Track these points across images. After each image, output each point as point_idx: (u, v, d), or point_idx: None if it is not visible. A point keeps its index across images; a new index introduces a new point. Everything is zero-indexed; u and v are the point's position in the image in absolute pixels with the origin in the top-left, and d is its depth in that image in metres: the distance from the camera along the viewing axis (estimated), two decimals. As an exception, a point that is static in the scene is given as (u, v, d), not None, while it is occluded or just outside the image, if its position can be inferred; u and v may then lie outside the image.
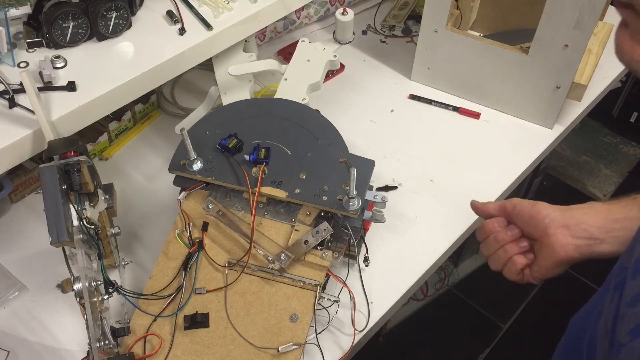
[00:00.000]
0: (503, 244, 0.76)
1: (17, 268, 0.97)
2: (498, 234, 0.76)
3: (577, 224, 0.70)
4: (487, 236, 0.78)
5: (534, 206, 0.73)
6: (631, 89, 2.44)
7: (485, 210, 0.79)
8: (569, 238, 0.70)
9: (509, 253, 0.75)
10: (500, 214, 0.77)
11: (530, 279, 0.77)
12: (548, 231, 0.71)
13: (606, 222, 0.70)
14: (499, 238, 0.76)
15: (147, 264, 0.98)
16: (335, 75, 1.34)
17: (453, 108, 1.28)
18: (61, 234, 0.74)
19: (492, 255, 0.78)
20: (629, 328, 0.52)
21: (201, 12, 1.01)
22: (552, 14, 1.07)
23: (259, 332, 0.83)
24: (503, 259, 0.76)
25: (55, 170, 0.77)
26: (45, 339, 0.90)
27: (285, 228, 0.88)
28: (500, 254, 0.76)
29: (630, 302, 0.53)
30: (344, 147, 0.93)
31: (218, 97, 1.09)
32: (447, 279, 2.01)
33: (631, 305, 0.52)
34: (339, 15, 1.10)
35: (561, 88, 1.17)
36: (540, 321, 1.95)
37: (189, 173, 0.90)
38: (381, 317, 0.93)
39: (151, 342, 0.82)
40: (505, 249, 0.75)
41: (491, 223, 0.77)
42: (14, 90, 0.85)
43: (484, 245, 0.79)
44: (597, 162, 2.48)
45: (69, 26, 0.91)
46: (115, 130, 1.18)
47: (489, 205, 0.79)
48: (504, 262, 0.76)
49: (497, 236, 0.76)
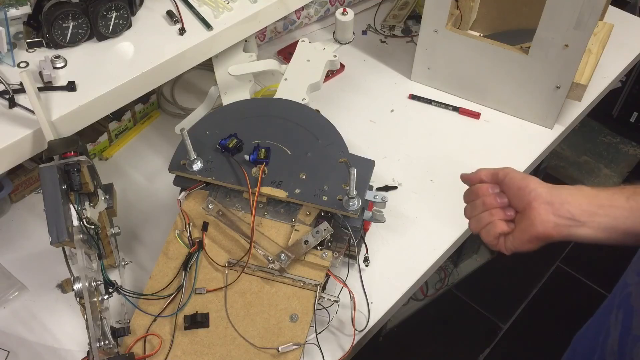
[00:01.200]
0: (490, 208, 0.76)
1: (17, 268, 0.97)
2: (487, 197, 0.76)
3: (561, 203, 0.70)
4: (475, 199, 0.78)
5: (524, 179, 0.74)
6: (631, 89, 2.43)
7: (477, 176, 0.79)
8: (550, 215, 0.70)
9: (493, 217, 0.76)
10: (492, 180, 0.78)
11: (503, 248, 0.77)
12: (532, 204, 0.72)
13: (591, 206, 0.70)
14: (487, 202, 0.76)
15: (147, 264, 0.98)
16: (335, 75, 1.34)
17: (453, 108, 1.28)
18: (61, 234, 0.74)
19: (476, 217, 0.78)
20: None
21: (201, 12, 1.01)
22: (552, 14, 1.07)
23: (259, 332, 0.83)
24: (485, 221, 0.77)
25: (55, 170, 0.77)
26: (45, 339, 0.90)
27: (285, 228, 0.88)
28: (484, 216, 0.77)
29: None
30: (344, 147, 0.93)
31: (218, 97, 1.10)
32: (447, 279, 2.01)
33: None
34: (339, 15, 1.10)
35: (561, 88, 1.17)
36: (540, 321, 1.95)
37: (189, 173, 0.90)
38: (381, 317, 0.93)
39: (151, 342, 0.82)
40: (491, 212, 0.76)
41: (484, 187, 0.77)
42: (14, 90, 0.85)
43: (469, 207, 0.80)
44: (597, 162, 2.48)
45: (69, 26, 0.91)
46: (115, 130, 1.18)
47: (482, 172, 0.79)
48: (485, 224, 0.77)
49: (485, 200, 0.76)
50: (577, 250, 2.15)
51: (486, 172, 0.78)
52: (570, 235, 0.71)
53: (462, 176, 0.82)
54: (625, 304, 0.57)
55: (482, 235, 0.78)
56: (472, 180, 0.80)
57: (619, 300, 0.61)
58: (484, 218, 0.77)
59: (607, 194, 0.70)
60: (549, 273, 2.10)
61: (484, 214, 0.77)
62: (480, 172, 0.79)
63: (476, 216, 0.78)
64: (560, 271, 2.11)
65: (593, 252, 2.09)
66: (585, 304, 0.70)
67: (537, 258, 2.14)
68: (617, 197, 0.70)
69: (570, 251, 2.16)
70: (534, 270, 2.11)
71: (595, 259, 2.05)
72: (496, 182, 0.77)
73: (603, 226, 0.69)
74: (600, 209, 0.69)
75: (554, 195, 0.71)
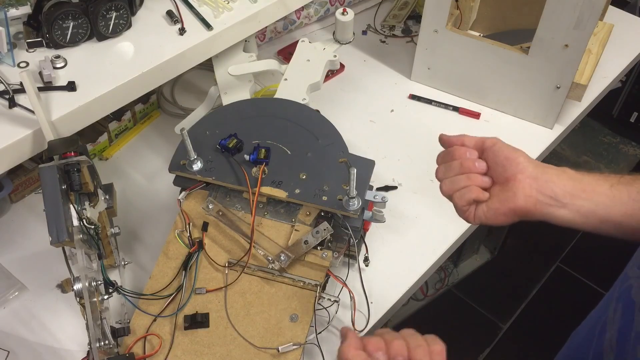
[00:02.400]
0: (467, 172, 0.73)
1: (17, 268, 0.97)
2: (466, 161, 0.74)
3: (546, 181, 0.70)
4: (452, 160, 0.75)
5: (515, 151, 0.73)
6: (631, 89, 2.44)
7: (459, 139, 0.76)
8: (534, 191, 0.70)
9: (471, 181, 0.73)
10: (475, 147, 0.75)
11: (472, 216, 0.74)
12: (517, 176, 0.70)
13: (574, 189, 0.70)
14: (465, 165, 0.73)
15: (147, 264, 0.98)
16: (335, 75, 1.34)
17: (453, 108, 1.28)
18: (61, 234, 0.74)
19: (450, 178, 0.75)
20: None
21: (201, 12, 1.01)
22: (552, 14, 1.07)
23: (259, 332, 0.83)
24: (461, 184, 0.74)
25: (55, 170, 0.77)
26: (45, 339, 0.90)
27: (285, 228, 0.88)
28: (460, 179, 0.74)
29: None
30: (344, 147, 0.93)
31: (218, 97, 1.09)
32: (447, 279, 2.01)
33: None
34: (339, 15, 1.10)
35: (561, 88, 1.17)
36: (540, 321, 1.95)
37: (189, 173, 0.90)
38: (381, 317, 0.93)
39: (151, 342, 0.82)
40: (468, 176, 0.73)
41: (463, 150, 0.74)
42: (14, 90, 0.85)
43: (444, 167, 0.76)
44: (597, 162, 2.48)
45: (69, 26, 0.91)
46: (115, 130, 1.18)
47: (466, 137, 0.76)
48: (460, 188, 0.74)
49: (464, 163, 0.74)
50: (577, 250, 2.16)
51: (470, 137, 0.76)
52: (549, 215, 0.70)
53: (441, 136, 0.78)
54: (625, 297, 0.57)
55: (454, 199, 0.75)
56: (453, 142, 0.77)
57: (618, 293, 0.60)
58: (459, 180, 0.74)
59: (591, 179, 0.70)
60: (549, 273, 2.10)
61: (461, 176, 0.74)
62: (464, 136, 0.76)
63: (451, 178, 0.75)
64: (560, 271, 2.11)
65: (593, 252, 2.10)
66: (585, 303, 0.69)
67: (537, 258, 2.14)
68: (601, 184, 0.70)
69: (570, 251, 2.16)
70: (534, 270, 2.11)
71: (595, 259, 2.05)
72: (480, 149, 0.75)
73: (583, 210, 0.69)
74: (583, 193, 0.69)
75: (540, 172, 0.71)
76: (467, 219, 0.76)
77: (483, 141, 0.75)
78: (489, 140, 0.75)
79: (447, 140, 0.78)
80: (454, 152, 0.76)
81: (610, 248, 0.75)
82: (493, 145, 0.74)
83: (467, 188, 0.73)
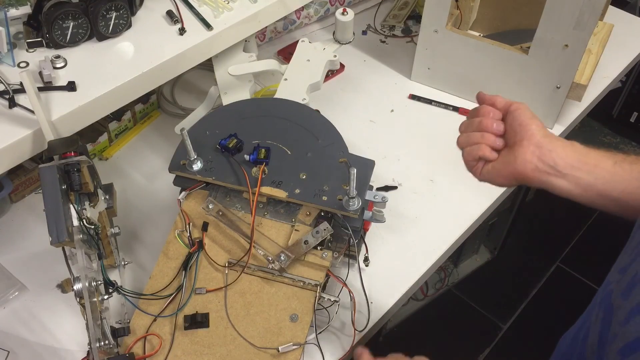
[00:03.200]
0: (484, 130, 0.76)
1: (17, 268, 0.97)
2: (486, 119, 0.76)
3: (549, 150, 0.71)
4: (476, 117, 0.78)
5: (531, 119, 0.74)
6: (631, 89, 2.44)
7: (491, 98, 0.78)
8: (534, 158, 0.71)
9: (483, 139, 0.76)
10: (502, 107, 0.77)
11: (478, 173, 0.77)
12: (523, 142, 0.72)
13: (576, 161, 0.70)
14: (484, 123, 0.76)
15: (147, 264, 0.98)
16: (335, 75, 1.34)
17: (453, 108, 1.28)
18: (61, 234, 0.74)
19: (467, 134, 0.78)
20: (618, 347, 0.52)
21: (201, 12, 1.01)
22: (552, 14, 1.07)
23: (259, 332, 0.83)
24: (473, 141, 0.77)
25: (55, 170, 0.77)
26: (45, 339, 0.90)
27: (285, 228, 0.88)
28: (475, 136, 0.77)
29: (623, 321, 0.52)
30: (344, 147, 0.93)
31: (218, 97, 1.10)
32: (447, 279, 2.01)
33: (623, 324, 0.52)
34: (339, 15, 1.10)
35: (561, 88, 1.17)
36: (540, 321, 1.95)
37: (189, 173, 0.90)
38: (381, 317, 0.93)
39: (151, 342, 0.82)
40: (483, 135, 0.76)
41: (488, 109, 0.77)
42: (14, 90, 0.85)
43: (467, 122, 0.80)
44: (597, 162, 2.48)
45: (69, 26, 0.91)
46: (115, 130, 1.18)
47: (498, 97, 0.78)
48: (472, 144, 0.77)
49: (484, 121, 0.76)
50: (577, 250, 2.16)
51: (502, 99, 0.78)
52: (547, 183, 0.71)
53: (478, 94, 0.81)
54: (606, 302, 0.57)
55: (464, 153, 0.78)
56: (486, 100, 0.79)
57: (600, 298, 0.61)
58: (473, 137, 0.77)
59: (597, 154, 0.71)
60: (549, 273, 2.10)
61: (476, 133, 0.77)
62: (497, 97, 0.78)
63: (468, 133, 0.78)
64: (560, 271, 2.11)
65: (593, 252, 2.10)
66: (585, 304, 0.69)
67: (537, 258, 2.14)
68: (605, 160, 0.70)
69: (570, 251, 2.16)
70: (534, 270, 2.11)
71: (596, 259, 2.05)
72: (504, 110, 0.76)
73: (582, 182, 0.70)
74: (585, 166, 0.70)
75: (546, 141, 0.72)
76: (474, 174, 0.78)
77: (509, 104, 0.76)
78: (515, 104, 0.76)
79: (482, 97, 0.80)
80: (480, 110, 0.78)
81: (610, 248, 0.75)
82: (515, 110, 0.75)
83: (477, 145, 0.76)
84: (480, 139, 0.76)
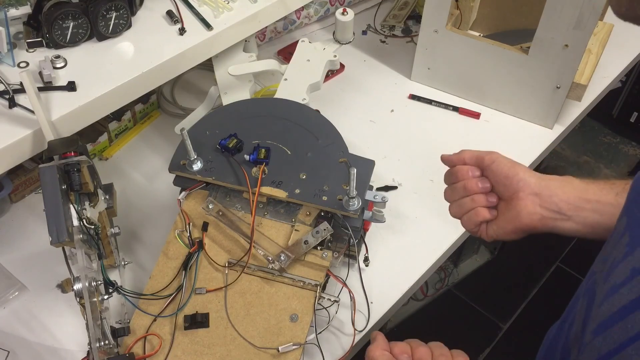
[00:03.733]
0: (471, 193, 0.74)
1: (17, 268, 0.97)
2: (469, 182, 0.74)
3: (549, 195, 0.69)
4: (456, 182, 0.76)
5: (513, 167, 0.72)
6: (631, 89, 2.43)
7: (459, 158, 0.76)
8: (537, 207, 0.69)
9: (475, 203, 0.73)
10: (475, 164, 0.75)
11: (485, 235, 0.75)
12: (519, 194, 0.70)
13: (578, 200, 0.69)
14: (468, 187, 0.74)
15: (147, 264, 0.98)
16: (335, 75, 1.34)
17: (453, 108, 1.28)
18: (61, 234, 0.74)
19: (457, 202, 0.76)
20: (592, 328, 0.52)
21: (201, 12, 1.01)
22: (552, 14, 1.07)
23: (259, 332, 0.83)
24: (467, 208, 0.74)
25: (55, 170, 0.77)
26: (45, 339, 0.90)
27: (285, 228, 0.88)
28: (466, 202, 0.74)
29: (599, 302, 0.53)
30: (344, 147, 0.93)
31: (218, 97, 1.10)
32: (447, 279, 2.01)
33: (599, 305, 0.52)
34: (339, 15, 1.10)
35: (561, 88, 1.17)
36: (540, 321, 1.95)
37: (189, 173, 0.90)
38: (381, 317, 0.93)
39: (151, 342, 0.82)
40: (473, 198, 0.74)
41: (465, 170, 0.74)
42: (14, 90, 0.85)
43: (450, 190, 0.77)
44: (597, 162, 2.48)
45: (69, 26, 0.91)
46: (115, 130, 1.18)
47: (465, 153, 0.76)
48: (467, 211, 0.75)
49: (467, 184, 0.74)
50: (577, 250, 2.15)
51: (470, 154, 0.76)
52: (555, 228, 0.70)
53: (442, 157, 0.79)
54: (590, 292, 0.57)
55: (463, 222, 0.77)
56: (454, 162, 0.77)
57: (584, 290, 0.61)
58: (465, 204, 0.75)
59: (597, 188, 0.70)
60: (549, 273, 2.10)
61: (466, 199, 0.75)
62: (464, 153, 0.76)
63: (457, 201, 0.76)
64: (560, 271, 2.11)
65: (593, 252, 2.09)
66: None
67: (537, 258, 2.14)
68: (606, 193, 0.69)
69: (570, 251, 2.16)
70: (534, 270, 2.11)
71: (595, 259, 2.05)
72: (480, 166, 0.74)
73: (588, 221, 0.69)
74: (588, 204, 0.69)
75: (543, 187, 0.70)
76: (480, 237, 0.77)
77: (482, 158, 0.74)
78: (487, 157, 0.74)
79: (447, 159, 0.78)
80: (456, 172, 0.76)
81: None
82: (491, 163, 0.73)
83: (473, 211, 0.74)
84: (472, 203, 0.74)
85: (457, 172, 0.76)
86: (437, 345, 0.68)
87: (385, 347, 0.68)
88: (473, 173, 0.74)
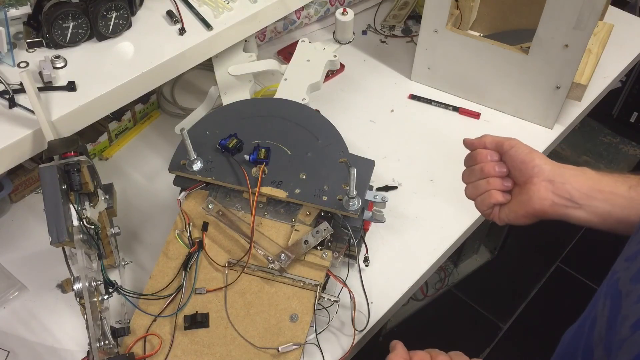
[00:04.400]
0: (488, 176, 0.75)
1: (17, 268, 0.97)
2: (487, 165, 0.76)
3: (562, 183, 0.70)
4: (474, 164, 0.77)
5: (530, 153, 0.73)
6: (631, 89, 2.44)
7: (480, 141, 0.78)
8: (549, 193, 0.70)
9: (490, 186, 0.75)
10: (496, 148, 0.77)
11: (497, 218, 0.77)
12: (533, 180, 0.72)
13: (591, 189, 0.70)
14: (486, 170, 0.76)
15: (147, 264, 0.98)
16: (335, 75, 1.34)
17: (453, 108, 1.28)
18: (61, 234, 0.74)
19: (473, 183, 0.78)
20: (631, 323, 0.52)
21: (201, 12, 1.01)
22: (552, 14, 1.07)
23: (259, 332, 0.83)
24: (482, 189, 0.76)
25: (55, 170, 0.77)
26: (45, 339, 0.90)
27: (285, 228, 0.88)
28: (481, 184, 0.76)
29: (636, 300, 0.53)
30: (344, 147, 0.93)
31: (218, 97, 1.10)
32: (447, 279, 2.01)
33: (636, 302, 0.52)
34: (339, 15, 1.10)
35: (561, 88, 1.17)
36: (540, 321, 1.95)
37: (189, 173, 0.90)
38: (381, 317, 0.93)
39: (151, 342, 0.82)
40: (488, 181, 0.75)
41: (484, 153, 0.76)
42: (14, 90, 0.85)
43: (468, 172, 0.79)
44: (597, 162, 2.48)
45: (69, 26, 0.91)
46: (115, 130, 1.18)
47: (487, 138, 0.78)
48: (481, 193, 0.76)
49: (485, 167, 0.76)
50: (577, 250, 2.16)
51: (491, 139, 0.77)
52: (566, 215, 0.71)
53: (465, 140, 0.80)
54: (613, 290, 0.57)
55: (476, 204, 0.78)
56: (475, 145, 0.79)
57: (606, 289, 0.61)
58: (480, 186, 0.76)
59: (610, 180, 0.70)
60: (549, 273, 2.10)
61: (481, 181, 0.76)
62: (485, 137, 0.78)
63: (473, 182, 0.78)
64: (560, 271, 2.11)
65: (593, 252, 2.09)
66: (585, 303, 0.69)
67: (537, 258, 2.14)
68: (620, 185, 0.70)
69: (570, 251, 2.16)
70: (534, 270, 2.11)
71: (596, 259, 2.05)
72: (500, 151, 0.76)
73: (599, 211, 0.69)
74: (600, 194, 0.69)
75: (557, 174, 0.71)
76: (492, 220, 0.78)
77: (502, 143, 0.76)
78: (507, 142, 0.76)
79: (469, 143, 0.80)
80: (476, 155, 0.78)
81: (610, 248, 0.75)
82: (510, 149, 0.75)
83: (487, 193, 0.75)
84: (487, 186, 0.75)
85: (477, 155, 0.78)
86: (457, 354, 0.69)
87: (405, 355, 0.69)
88: (492, 157, 0.76)
